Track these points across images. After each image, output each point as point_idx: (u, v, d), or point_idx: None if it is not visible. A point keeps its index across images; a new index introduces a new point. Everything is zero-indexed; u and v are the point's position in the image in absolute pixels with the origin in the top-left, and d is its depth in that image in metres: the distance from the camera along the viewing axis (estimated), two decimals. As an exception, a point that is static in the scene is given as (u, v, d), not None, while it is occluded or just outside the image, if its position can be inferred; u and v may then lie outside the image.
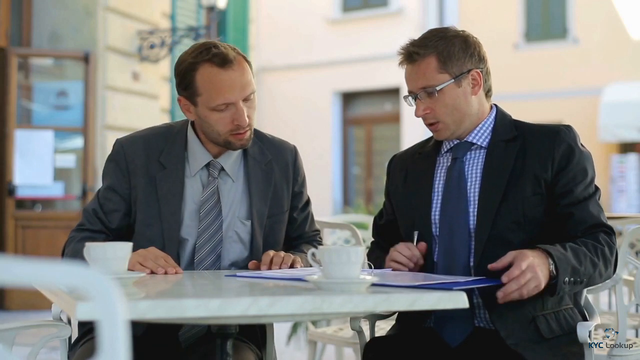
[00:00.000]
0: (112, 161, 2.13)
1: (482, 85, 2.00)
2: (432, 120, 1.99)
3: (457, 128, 2.00)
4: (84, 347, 1.98)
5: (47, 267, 0.82)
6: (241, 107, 2.01)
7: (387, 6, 15.35)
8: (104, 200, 2.11)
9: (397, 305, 1.50)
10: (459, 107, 1.97)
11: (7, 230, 6.77)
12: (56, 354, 4.27)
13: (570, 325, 1.94)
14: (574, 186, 1.91)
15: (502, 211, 1.91)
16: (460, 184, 1.99)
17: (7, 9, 7.03)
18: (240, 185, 2.14)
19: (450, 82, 1.95)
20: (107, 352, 0.81)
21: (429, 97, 1.97)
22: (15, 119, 6.90)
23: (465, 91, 1.98)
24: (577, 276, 1.80)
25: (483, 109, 2.03)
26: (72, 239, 2.07)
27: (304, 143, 13.60)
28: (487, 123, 2.03)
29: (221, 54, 2.00)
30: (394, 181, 2.16)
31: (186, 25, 8.54)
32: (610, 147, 14.87)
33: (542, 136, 1.95)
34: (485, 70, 2.02)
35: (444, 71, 1.95)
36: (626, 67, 14.62)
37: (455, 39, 1.98)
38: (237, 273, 1.88)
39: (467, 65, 1.97)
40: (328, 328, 3.34)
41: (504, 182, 1.93)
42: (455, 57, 1.96)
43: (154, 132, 2.16)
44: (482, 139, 2.01)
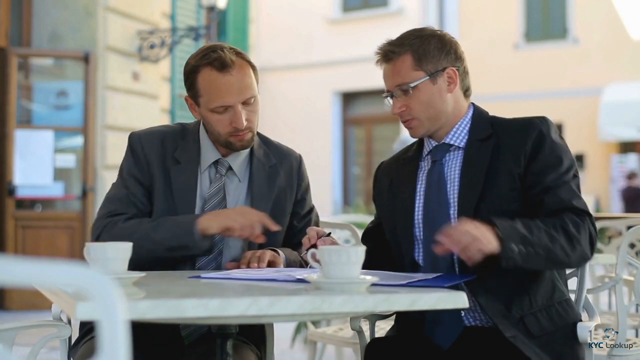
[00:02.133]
0: (132, 153, 2.15)
1: (457, 83, 2.01)
2: (408, 117, 2.01)
3: (432, 125, 2.01)
4: (85, 346, 1.99)
5: (47, 267, 0.82)
6: (239, 110, 2.06)
7: (387, 6, 15.35)
8: (132, 187, 2.12)
9: (397, 305, 1.50)
10: (434, 104, 1.98)
11: (7, 230, 6.77)
12: (56, 354, 4.27)
13: (564, 320, 1.92)
14: (545, 174, 1.89)
15: (481, 211, 1.90)
16: (440, 186, 1.99)
17: (7, 9, 7.04)
18: (245, 185, 2.18)
19: (425, 79, 1.97)
20: (107, 352, 0.81)
21: (405, 95, 1.99)
22: (15, 119, 6.90)
23: (441, 89, 1.99)
24: (528, 245, 1.75)
25: (460, 108, 2.03)
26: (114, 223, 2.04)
27: (304, 143, 13.60)
28: (464, 123, 2.03)
29: (220, 58, 2.05)
30: (380, 188, 2.18)
31: (186, 25, 8.54)
32: (610, 147, 14.88)
33: (515, 130, 1.95)
34: (463, 69, 2.03)
35: (419, 69, 1.98)
36: (626, 67, 14.62)
37: (431, 38, 2.00)
38: (201, 274, 1.86)
39: (443, 63, 1.99)
40: (328, 328, 3.34)
41: (481, 181, 1.92)
42: (430, 54, 1.98)
43: (169, 129, 2.22)
44: (460, 139, 2.02)
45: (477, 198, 1.91)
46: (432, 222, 1.97)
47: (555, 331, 1.89)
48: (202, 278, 1.79)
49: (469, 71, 2.07)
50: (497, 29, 15.23)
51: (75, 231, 7.00)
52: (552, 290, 1.93)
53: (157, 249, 1.99)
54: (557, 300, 1.93)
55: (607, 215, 3.89)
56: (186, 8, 8.93)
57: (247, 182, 2.18)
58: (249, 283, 1.72)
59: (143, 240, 1.97)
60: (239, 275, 1.82)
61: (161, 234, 1.99)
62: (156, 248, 1.99)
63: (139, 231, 2.00)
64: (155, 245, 1.99)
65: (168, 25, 8.33)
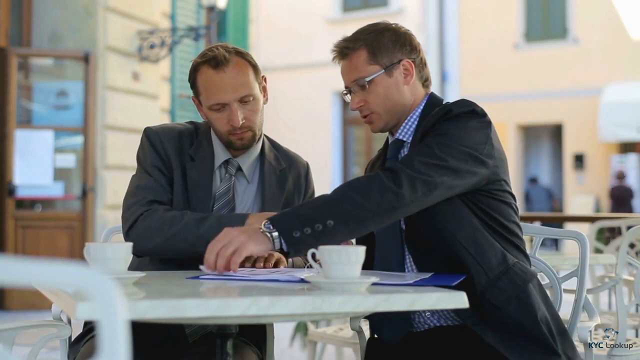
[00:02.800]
0: (151, 145, 2.15)
1: (414, 74, 2.00)
2: (367, 112, 2.01)
3: (390, 118, 2.00)
4: (85, 346, 1.99)
5: (47, 267, 0.82)
6: (235, 108, 2.07)
7: (387, 6, 15.36)
8: (158, 177, 2.11)
9: (397, 305, 1.50)
10: (391, 96, 1.98)
11: (7, 230, 6.77)
12: (56, 354, 4.27)
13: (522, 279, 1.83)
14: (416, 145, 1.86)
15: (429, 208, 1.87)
16: None
17: (7, 9, 7.04)
18: (254, 187, 2.19)
19: (380, 72, 1.97)
20: (107, 352, 0.81)
21: (362, 90, 1.99)
22: (15, 119, 6.90)
23: (397, 81, 1.99)
24: (314, 222, 1.67)
25: (416, 99, 2.02)
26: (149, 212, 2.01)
27: (304, 143, 13.61)
28: (414, 117, 2.01)
29: (215, 56, 2.07)
30: None
31: (186, 25, 8.54)
32: (610, 147, 14.88)
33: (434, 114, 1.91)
34: (419, 61, 2.02)
35: (374, 62, 1.98)
36: (626, 67, 14.63)
37: (385, 32, 2.00)
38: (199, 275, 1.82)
39: (398, 56, 1.99)
40: (328, 328, 3.34)
41: None
42: (384, 47, 1.98)
43: (183, 127, 2.23)
44: (408, 134, 2.00)
45: None
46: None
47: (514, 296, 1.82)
48: (201, 279, 1.79)
49: (426, 62, 2.06)
50: (497, 29, 15.23)
51: (75, 231, 7.00)
52: (503, 255, 1.85)
53: (199, 244, 1.92)
54: (511, 263, 1.85)
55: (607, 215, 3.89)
56: (186, 8, 8.93)
57: (257, 185, 2.19)
58: (248, 283, 1.72)
59: (186, 233, 1.96)
60: (239, 275, 1.81)
61: (208, 228, 1.96)
62: (198, 242, 1.93)
63: (182, 224, 1.98)
64: (199, 239, 1.94)
65: (168, 25, 8.33)
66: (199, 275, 1.82)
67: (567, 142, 15.22)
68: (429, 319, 1.92)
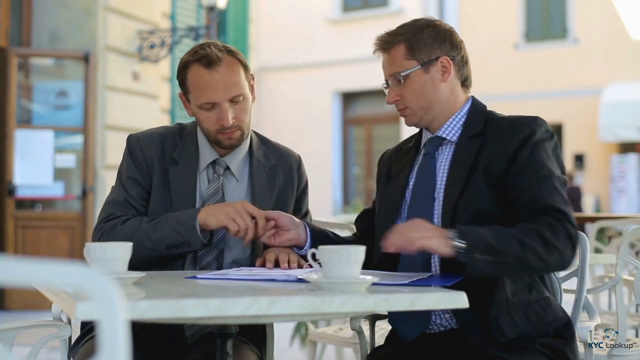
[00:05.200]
0: (130, 155, 2.16)
1: (452, 72, 1.99)
2: (401, 106, 2.01)
3: (425, 114, 2.00)
4: (85, 346, 1.99)
5: (47, 267, 0.82)
6: (225, 107, 2.06)
7: (387, 6, 15.35)
8: (130, 189, 2.13)
9: (397, 305, 1.50)
10: (426, 93, 1.98)
11: (7, 230, 6.77)
12: (56, 354, 4.27)
13: (542, 319, 1.87)
14: (525, 176, 1.85)
15: (460, 207, 1.88)
16: (429, 180, 1.98)
17: (7, 9, 7.03)
18: (244, 185, 2.18)
19: (417, 68, 1.97)
20: (107, 352, 0.81)
21: (398, 84, 2.00)
22: (15, 119, 6.90)
23: (434, 78, 1.98)
24: (496, 255, 1.71)
25: (455, 99, 2.01)
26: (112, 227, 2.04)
27: (304, 143, 13.61)
28: (459, 117, 2.01)
29: (208, 55, 2.07)
30: (380, 176, 2.18)
31: (186, 25, 8.54)
32: (610, 147, 14.88)
33: (504, 129, 1.92)
34: (460, 59, 2.01)
35: (412, 58, 1.98)
36: (626, 67, 14.63)
37: (426, 28, 2.00)
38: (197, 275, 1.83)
39: (436, 52, 1.98)
40: (328, 328, 3.34)
41: (464, 178, 1.90)
42: (423, 43, 1.98)
43: (168, 130, 2.23)
44: (452, 133, 2.00)
45: (457, 195, 1.89)
46: (415, 215, 1.94)
47: (530, 331, 1.85)
48: (199, 279, 1.78)
49: (468, 60, 2.05)
50: (497, 29, 15.22)
51: (75, 231, 7.00)
52: (529, 288, 1.88)
53: (158, 248, 1.99)
54: (534, 299, 1.88)
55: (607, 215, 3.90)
56: (186, 8, 8.92)
57: (247, 183, 2.18)
58: (247, 283, 1.72)
59: (144, 239, 1.97)
60: (237, 275, 1.81)
61: (161, 232, 1.99)
62: (157, 247, 1.98)
63: (139, 232, 2.00)
64: (156, 244, 1.98)
65: (168, 25, 8.33)
66: (197, 275, 1.83)
67: (567, 142, 15.22)
68: (447, 320, 1.92)
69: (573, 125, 15.07)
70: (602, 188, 14.81)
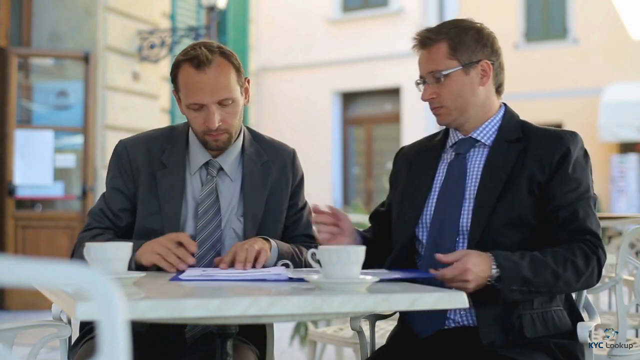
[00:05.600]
0: (116, 162, 2.17)
1: (491, 77, 2.01)
2: (437, 104, 2.01)
3: (460, 115, 2.01)
4: (85, 346, 1.99)
5: (47, 267, 0.82)
6: (212, 110, 2.04)
7: (387, 6, 15.35)
8: (110, 200, 2.14)
9: (397, 305, 1.50)
10: (464, 94, 1.99)
11: (7, 230, 6.77)
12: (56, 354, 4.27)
13: (557, 327, 1.92)
14: (563, 191, 1.90)
15: (498, 211, 1.91)
16: (460, 180, 1.99)
17: (7, 9, 7.03)
18: (238, 185, 2.17)
19: (458, 68, 1.98)
20: (107, 352, 0.81)
21: (436, 82, 2.00)
22: (15, 119, 6.90)
23: (473, 80, 1.99)
24: (529, 286, 1.80)
25: (490, 104, 2.03)
26: (82, 240, 2.05)
27: (304, 143, 13.60)
28: (494, 121, 2.03)
29: (198, 55, 2.05)
30: (398, 173, 2.17)
31: (186, 25, 8.54)
32: (610, 147, 14.88)
33: (545, 140, 1.96)
34: (498, 65, 2.04)
35: (453, 58, 1.98)
36: (626, 67, 14.62)
37: (469, 29, 2.01)
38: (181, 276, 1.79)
39: (478, 55, 1.99)
40: (328, 328, 3.34)
41: (502, 181, 1.92)
42: (466, 45, 1.99)
43: (157, 133, 2.22)
44: (487, 137, 2.02)
45: (495, 198, 1.92)
46: (441, 215, 1.98)
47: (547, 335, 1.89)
48: (183, 280, 1.75)
49: (504, 67, 2.07)
50: (497, 29, 15.11)
51: (75, 231, 6.99)
52: (551, 297, 1.93)
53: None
54: (554, 307, 1.94)
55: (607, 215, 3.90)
56: (186, 8, 8.92)
57: (240, 182, 2.17)
58: (240, 284, 1.72)
59: None
60: (222, 275, 1.79)
61: None
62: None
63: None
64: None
65: (168, 25, 8.33)
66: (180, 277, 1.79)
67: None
68: (461, 317, 1.94)
69: (573, 125, 15.06)
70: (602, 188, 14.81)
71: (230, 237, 2.11)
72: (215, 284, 1.72)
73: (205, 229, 2.09)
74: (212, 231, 2.09)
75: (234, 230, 2.12)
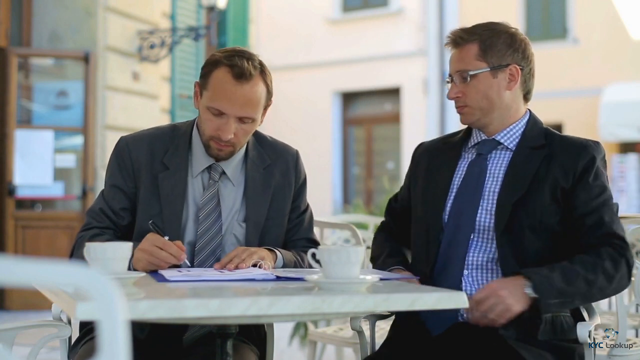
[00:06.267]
0: (117, 159, 2.13)
1: (518, 82, 2.03)
2: (461, 104, 2.03)
3: (483, 116, 2.03)
4: (85, 347, 1.99)
5: (47, 267, 0.82)
6: (231, 122, 2.02)
7: (387, 6, 15.34)
8: (110, 199, 2.11)
9: (397, 305, 1.50)
10: (490, 97, 2.01)
11: (7, 230, 6.77)
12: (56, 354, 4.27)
13: (564, 331, 1.94)
14: (591, 198, 1.93)
15: (519, 214, 1.93)
16: (479, 179, 2.02)
17: (7, 9, 7.03)
18: (240, 189, 2.14)
19: (485, 70, 2.00)
20: (107, 352, 0.81)
21: (463, 82, 2.02)
22: (15, 119, 6.90)
23: (500, 84, 2.01)
24: (565, 297, 1.83)
25: (516, 108, 2.05)
26: (82, 239, 2.03)
27: (304, 143, 13.59)
28: (519, 126, 2.05)
29: (241, 68, 2.00)
30: (417, 168, 2.19)
31: (186, 25, 8.53)
32: (610, 147, 14.87)
33: (570, 147, 1.98)
34: (528, 71, 2.05)
35: (482, 59, 2.00)
36: (626, 67, 14.62)
37: (503, 33, 2.04)
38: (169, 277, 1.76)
39: (507, 59, 2.01)
40: (328, 328, 3.34)
41: (526, 185, 1.95)
42: (496, 48, 2.01)
43: (159, 131, 2.18)
44: (510, 140, 2.04)
45: (516, 200, 1.94)
46: (458, 212, 2.00)
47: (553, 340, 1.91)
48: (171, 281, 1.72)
49: (535, 74, 2.08)
50: (497, 29, 15.20)
51: (75, 231, 6.99)
52: None
53: None
54: (562, 313, 1.95)
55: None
56: (186, 8, 8.92)
57: (243, 186, 2.14)
58: (244, 284, 1.72)
59: None
60: (210, 276, 1.78)
61: None
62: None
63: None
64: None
65: (168, 25, 8.32)
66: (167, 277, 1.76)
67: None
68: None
69: (573, 125, 15.06)
70: (602, 188, 14.79)
71: (231, 242, 2.09)
72: (215, 284, 1.72)
73: (206, 234, 2.08)
74: (212, 236, 2.07)
75: (235, 236, 2.10)
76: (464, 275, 1.95)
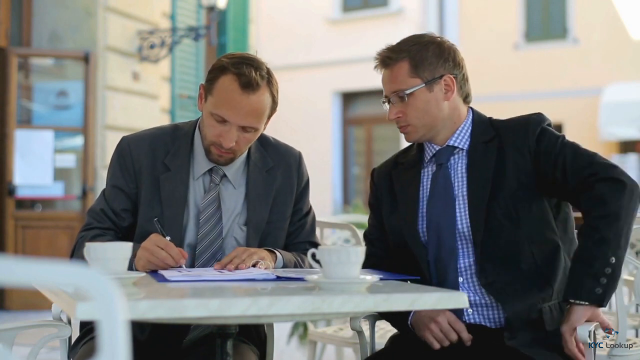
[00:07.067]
0: (119, 160, 2.12)
1: (455, 90, 2.01)
2: (403, 123, 2.02)
3: (428, 131, 2.02)
4: (85, 347, 1.99)
5: (47, 267, 0.82)
6: (234, 130, 2.01)
7: (387, 6, 15.35)
8: (111, 200, 2.10)
9: (397, 305, 1.50)
10: (430, 111, 1.99)
11: (7, 230, 6.77)
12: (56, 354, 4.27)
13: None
14: (557, 154, 1.92)
15: (493, 209, 1.92)
16: (447, 188, 2.00)
17: (7, 9, 7.03)
18: (241, 192, 2.13)
19: (421, 86, 1.98)
20: (107, 352, 0.81)
21: (401, 101, 2.00)
22: (15, 119, 6.90)
23: (437, 96, 1.99)
24: (604, 268, 1.81)
25: (459, 114, 2.04)
26: (82, 239, 2.02)
27: (304, 143, 13.59)
28: (466, 126, 2.04)
29: (248, 77, 1.97)
30: (378, 194, 2.16)
31: (186, 25, 8.53)
32: (610, 146, 14.87)
33: (515, 128, 1.98)
34: (462, 77, 2.03)
35: (416, 76, 1.98)
36: (626, 67, 14.62)
37: (430, 45, 2.00)
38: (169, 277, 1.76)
39: (440, 71, 1.99)
40: (328, 328, 3.34)
41: (489, 181, 1.94)
42: (427, 62, 1.98)
43: (161, 132, 2.16)
44: (463, 142, 2.03)
45: (487, 197, 1.93)
46: (435, 225, 1.99)
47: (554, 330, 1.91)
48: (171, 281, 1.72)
49: (468, 77, 2.07)
50: (497, 29, 15.21)
51: (75, 231, 6.99)
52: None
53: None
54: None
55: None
56: (186, 8, 8.92)
57: (244, 189, 2.13)
58: (244, 284, 1.72)
59: None
60: (210, 276, 1.78)
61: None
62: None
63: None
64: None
65: (168, 25, 8.32)
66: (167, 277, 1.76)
67: (567, 142, 15.17)
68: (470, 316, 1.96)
69: (573, 125, 15.06)
70: (602, 188, 14.78)
71: (231, 245, 2.08)
72: (215, 284, 1.72)
73: (206, 237, 2.07)
74: (213, 239, 2.07)
75: (236, 239, 2.09)
76: (460, 283, 1.96)
